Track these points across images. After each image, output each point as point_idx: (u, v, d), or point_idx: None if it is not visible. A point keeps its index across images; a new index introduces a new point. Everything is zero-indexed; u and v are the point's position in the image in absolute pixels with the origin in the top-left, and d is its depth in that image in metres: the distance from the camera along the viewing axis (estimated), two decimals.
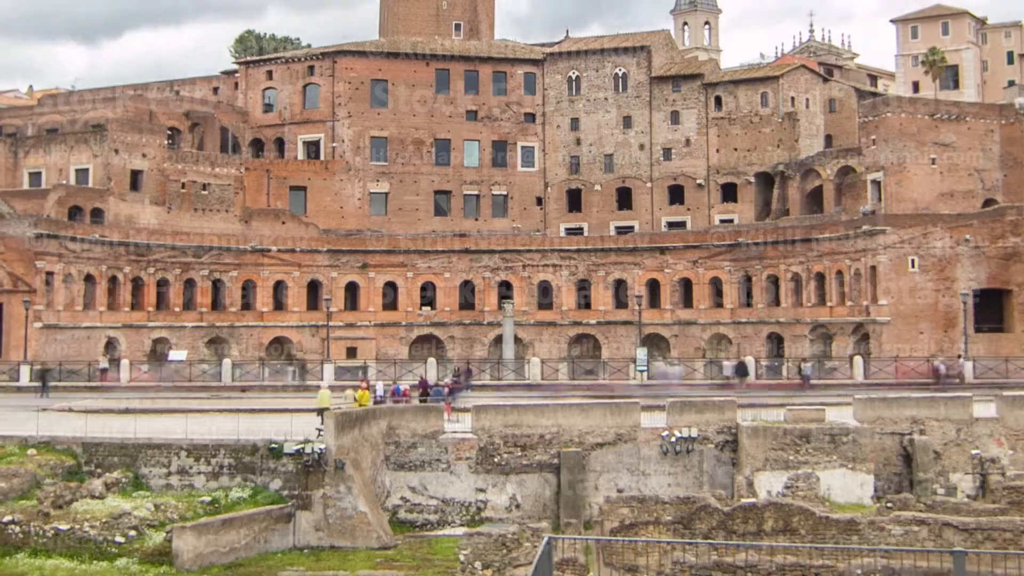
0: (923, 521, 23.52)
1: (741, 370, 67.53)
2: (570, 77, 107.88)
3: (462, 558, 31.50)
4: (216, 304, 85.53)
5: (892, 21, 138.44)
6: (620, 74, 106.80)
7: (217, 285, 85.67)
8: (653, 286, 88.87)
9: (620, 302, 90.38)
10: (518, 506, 44.47)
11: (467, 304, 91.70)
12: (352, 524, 40.68)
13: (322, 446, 41.11)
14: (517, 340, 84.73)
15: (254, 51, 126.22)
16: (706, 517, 27.19)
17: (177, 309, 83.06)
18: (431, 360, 72.44)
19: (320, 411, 44.67)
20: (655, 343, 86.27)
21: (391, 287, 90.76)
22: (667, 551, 27.46)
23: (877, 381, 65.62)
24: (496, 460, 44.87)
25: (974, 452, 40.94)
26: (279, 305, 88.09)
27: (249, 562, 38.23)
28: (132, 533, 37.96)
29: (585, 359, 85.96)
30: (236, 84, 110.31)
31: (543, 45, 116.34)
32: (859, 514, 27.86)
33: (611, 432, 45.40)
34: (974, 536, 22.85)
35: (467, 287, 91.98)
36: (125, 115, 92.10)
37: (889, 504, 30.13)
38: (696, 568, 24.40)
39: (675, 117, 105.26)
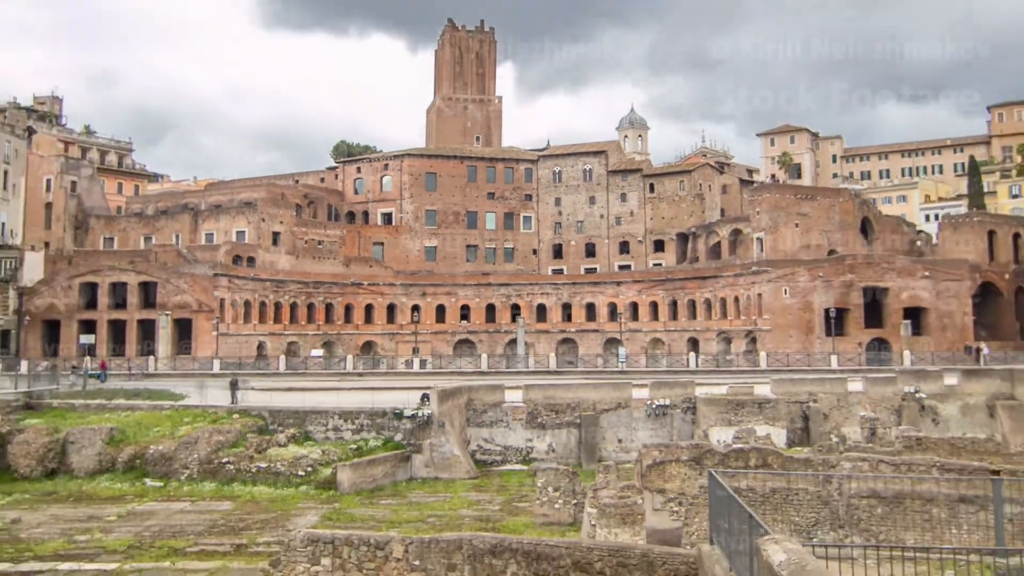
0: (865, 459, 23.32)
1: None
2: (554, 171, 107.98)
3: (539, 484, 31.20)
4: (328, 319, 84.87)
5: (758, 135, 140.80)
6: (587, 169, 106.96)
7: (328, 307, 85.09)
8: (612, 307, 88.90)
9: (590, 316, 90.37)
10: (554, 450, 44.49)
11: (490, 318, 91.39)
12: (449, 462, 40.63)
13: (429, 411, 41.11)
14: (524, 343, 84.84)
15: (344, 153, 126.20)
16: (710, 457, 26.89)
17: (303, 322, 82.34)
18: (484, 356, 73.24)
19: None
20: (614, 343, 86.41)
21: (441, 308, 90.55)
22: (687, 478, 27.16)
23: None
24: (539, 420, 44.88)
25: (862, 414, 41.04)
26: (368, 319, 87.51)
27: (384, 488, 38.19)
28: (309, 469, 37.85)
29: (568, 354, 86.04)
30: (336, 175, 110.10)
31: (537, 150, 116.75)
32: (810, 453, 27.83)
33: (613, 401, 45.47)
34: (899, 468, 22.69)
35: (490, 308, 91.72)
36: (267, 196, 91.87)
37: (820, 448, 30.07)
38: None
39: (623, 197, 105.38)
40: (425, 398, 41.90)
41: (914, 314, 73.69)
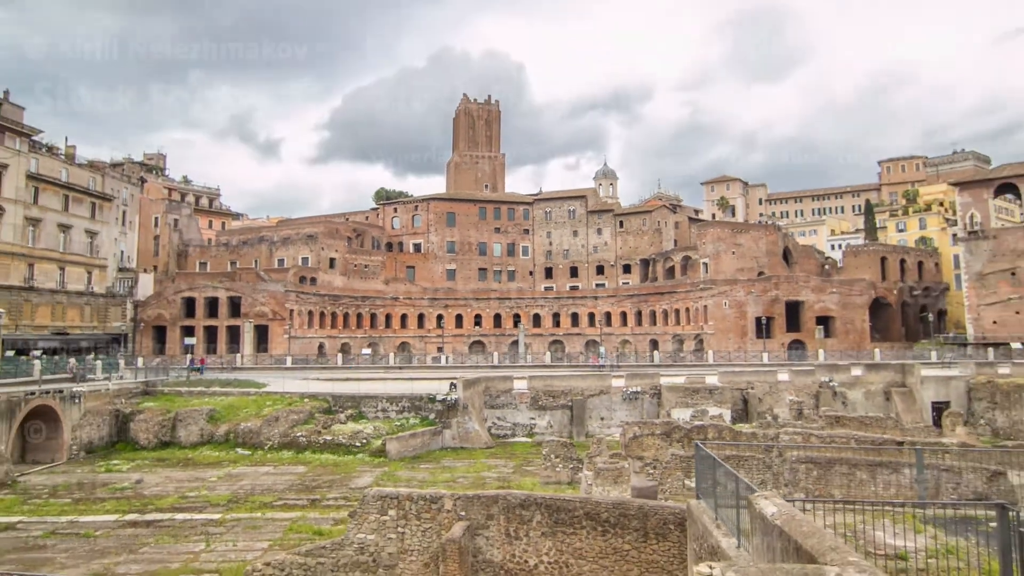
0: (799, 432, 23.28)
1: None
2: (546, 211, 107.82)
3: (544, 452, 31.16)
4: (372, 325, 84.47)
5: (702, 183, 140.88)
6: (571, 209, 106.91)
7: (373, 316, 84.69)
8: (591, 316, 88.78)
9: (574, 323, 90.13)
10: (551, 427, 44.27)
11: (497, 324, 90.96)
12: (472, 436, 40.41)
13: (456, 396, 40.96)
14: (524, 343, 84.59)
15: (384, 197, 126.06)
16: (677, 431, 26.85)
17: (353, 328, 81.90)
18: (495, 354, 72.67)
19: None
20: (593, 344, 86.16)
21: (459, 316, 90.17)
22: (660, 448, 26.94)
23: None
24: (540, 403, 44.69)
25: (790, 398, 40.97)
26: (403, 325, 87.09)
27: (422, 455, 37.90)
28: (364, 441, 37.64)
29: (558, 352, 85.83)
30: (378, 214, 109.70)
31: (532, 195, 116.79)
32: (755, 428, 27.72)
33: (597, 388, 45.37)
34: (826, 440, 22.64)
35: (497, 316, 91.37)
36: (325, 230, 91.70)
37: (760, 424, 29.95)
38: (682, 457, 24.01)
39: (599, 231, 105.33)
40: (453, 386, 41.83)
41: (824, 321, 73.80)
